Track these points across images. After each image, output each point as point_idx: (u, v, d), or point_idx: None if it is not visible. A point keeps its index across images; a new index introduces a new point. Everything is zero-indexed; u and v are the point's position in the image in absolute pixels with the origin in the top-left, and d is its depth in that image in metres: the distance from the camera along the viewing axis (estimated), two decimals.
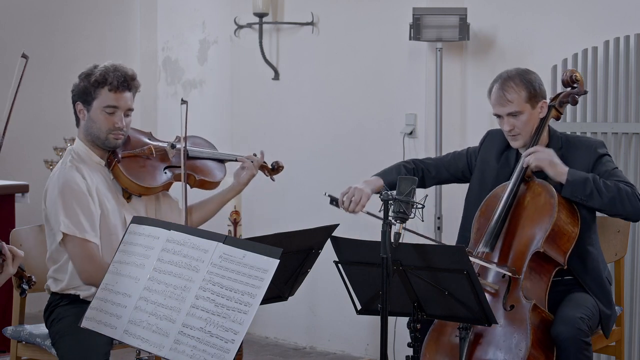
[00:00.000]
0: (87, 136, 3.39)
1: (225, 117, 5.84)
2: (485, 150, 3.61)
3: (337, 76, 5.32)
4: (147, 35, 6.39)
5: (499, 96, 3.40)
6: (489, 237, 3.32)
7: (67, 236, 3.23)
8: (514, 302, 3.17)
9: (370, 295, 3.06)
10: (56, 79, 6.21)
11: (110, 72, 3.33)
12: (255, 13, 5.43)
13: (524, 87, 3.39)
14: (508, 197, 3.34)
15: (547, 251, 3.25)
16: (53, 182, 3.33)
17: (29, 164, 5.84)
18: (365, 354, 5.20)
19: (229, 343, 2.37)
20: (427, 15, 4.63)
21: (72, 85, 3.44)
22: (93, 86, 3.34)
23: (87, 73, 3.38)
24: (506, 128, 3.42)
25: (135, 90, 3.42)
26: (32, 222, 3.98)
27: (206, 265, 2.50)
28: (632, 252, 4.25)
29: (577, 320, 3.12)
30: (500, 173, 3.50)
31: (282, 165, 3.76)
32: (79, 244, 3.23)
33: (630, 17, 4.33)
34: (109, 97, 3.33)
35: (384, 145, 5.09)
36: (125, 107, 3.36)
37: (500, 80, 3.44)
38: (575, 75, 3.50)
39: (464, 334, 3.08)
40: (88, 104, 3.36)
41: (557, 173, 3.29)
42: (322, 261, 3.13)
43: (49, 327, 3.36)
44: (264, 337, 5.62)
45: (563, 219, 3.28)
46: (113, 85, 3.32)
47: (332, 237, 3.03)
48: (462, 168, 3.66)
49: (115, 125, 3.34)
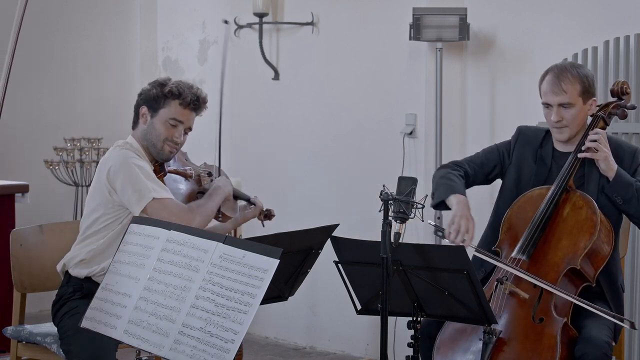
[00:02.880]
0: (143, 141, 3.43)
1: (225, 117, 5.83)
2: (521, 148, 3.49)
3: (337, 76, 5.32)
4: (147, 35, 6.39)
5: (554, 84, 3.30)
6: (527, 244, 3.23)
7: (157, 201, 3.25)
8: (543, 315, 3.11)
9: (370, 295, 3.06)
10: (56, 79, 6.22)
11: (186, 89, 3.43)
12: (255, 13, 5.43)
13: (579, 81, 3.31)
14: (548, 204, 3.26)
15: (583, 268, 3.19)
16: (118, 160, 3.31)
17: (29, 164, 5.84)
18: (365, 354, 5.20)
19: (229, 343, 2.37)
20: (427, 15, 4.63)
21: (141, 89, 3.51)
22: (166, 96, 3.41)
23: (161, 82, 3.46)
24: (554, 118, 3.31)
25: (200, 113, 3.51)
26: (32, 222, 3.98)
27: (206, 265, 2.50)
28: (632, 252, 4.25)
29: (604, 345, 3.05)
30: (538, 173, 3.42)
31: (273, 214, 3.77)
32: (170, 204, 3.28)
33: (630, 17, 4.33)
34: (178, 110, 3.41)
35: (384, 145, 5.09)
36: (188, 125, 3.45)
37: (557, 69, 3.34)
38: (626, 88, 3.40)
39: (487, 338, 3.00)
40: (154, 110, 3.42)
41: (609, 168, 3.25)
42: (322, 261, 3.13)
43: (59, 321, 3.34)
44: (264, 337, 5.62)
45: (602, 238, 3.23)
46: (185, 102, 3.41)
47: (332, 237, 3.03)
48: (494, 166, 3.52)
49: (174, 137, 3.40)
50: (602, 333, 3.10)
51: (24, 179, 5.33)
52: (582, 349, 3.06)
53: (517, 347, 3.09)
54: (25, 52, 6.14)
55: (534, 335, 3.09)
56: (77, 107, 6.22)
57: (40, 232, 3.69)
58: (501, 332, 3.07)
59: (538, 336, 3.08)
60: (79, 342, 3.17)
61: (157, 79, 3.52)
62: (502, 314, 3.15)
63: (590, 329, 3.12)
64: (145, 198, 3.24)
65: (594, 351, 3.03)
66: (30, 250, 3.64)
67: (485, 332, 3.01)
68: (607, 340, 3.09)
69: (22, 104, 6.05)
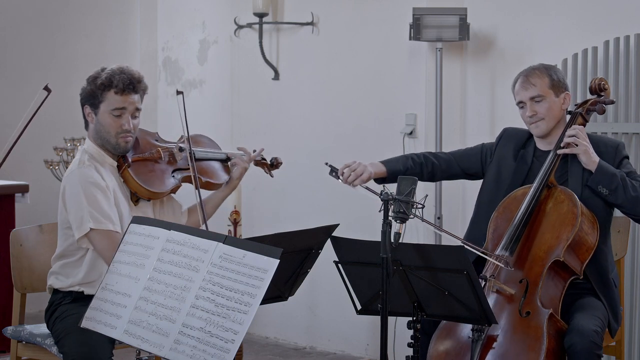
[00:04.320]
0: (97, 140, 3.39)
1: (225, 117, 5.84)
2: (502, 147, 3.59)
3: (337, 76, 5.32)
4: (147, 35, 6.39)
5: (524, 81, 3.45)
6: (509, 241, 3.29)
7: (94, 230, 3.21)
8: (530, 309, 3.15)
9: (370, 295, 3.06)
10: (56, 79, 6.20)
11: (116, 75, 3.33)
12: (255, 13, 5.43)
13: (547, 74, 3.44)
14: (530, 202, 3.32)
15: (567, 260, 3.23)
16: (72, 180, 3.30)
17: (29, 164, 5.84)
18: (365, 354, 5.20)
19: (229, 343, 2.37)
20: (427, 15, 4.63)
21: (80, 89, 3.45)
22: (99, 89, 3.35)
23: (94, 76, 3.39)
24: (528, 113, 3.43)
25: (143, 92, 3.42)
26: (32, 222, 3.98)
27: (206, 265, 2.50)
28: (632, 252, 4.25)
29: (592, 333, 3.08)
30: (517, 171, 3.50)
31: (280, 162, 3.78)
32: (107, 236, 3.22)
33: (630, 17, 4.33)
34: (116, 99, 3.34)
35: (384, 145, 5.08)
36: (132, 109, 3.37)
37: (525, 70, 3.50)
38: (604, 84, 3.50)
39: (476, 336, 3.06)
40: (95, 107, 3.38)
41: (590, 161, 3.32)
42: (322, 261, 3.13)
43: (52, 326, 3.35)
44: (264, 337, 5.62)
45: (585, 229, 3.27)
46: (119, 88, 3.33)
47: (332, 237, 3.03)
48: (475, 163, 3.64)
49: (123, 127, 3.34)
50: (590, 322, 3.13)
51: (24, 179, 5.34)
52: (570, 339, 3.10)
53: (505, 341, 3.12)
54: (26, 52, 6.16)
55: (521, 328, 3.13)
56: (77, 107, 6.20)
57: (40, 232, 3.69)
58: (489, 329, 3.09)
59: (525, 329, 3.12)
60: (71, 344, 3.17)
61: (91, 73, 3.43)
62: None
63: (579, 319, 3.16)
64: (83, 229, 3.21)
65: (582, 340, 3.07)
66: (30, 250, 3.64)
67: (474, 329, 3.05)
68: (595, 329, 3.11)
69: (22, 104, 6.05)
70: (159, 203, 3.50)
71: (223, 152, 3.67)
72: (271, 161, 3.77)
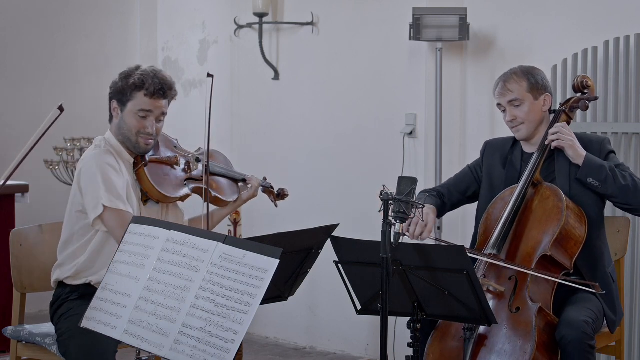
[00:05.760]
0: (119, 135, 3.42)
1: (225, 117, 5.84)
2: (488, 159, 3.64)
3: (337, 76, 5.32)
4: (147, 35, 6.40)
5: (501, 87, 3.50)
6: (496, 239, 3.33)
7: (107, 209, 3.23)
8: (519, 305, 3.17)
9: (370, 295, 3.06)
10: (56, 79, 6.21)
11: (149, 78, 3.36)
12: (255, 13, 5.43)
13: (525, 78, 3.48)
14: (516, 200, 3.36)
15: (554, 255, 3.26)
16: (88, 162, 3.33)
17: (29, 164, 5.80)
18: (365, 354, 5.20)
19: (229, 343, 2.37)
20: (427, 15, 4.63)
21: (111, 82, 3.46)
22: (130, 88, 3.37)
23: (127, 74, 3.41)
24: (508, 118, 3.49)
25: (172, 98, 3.46)
26: (32, 222, 3.98)
27: (206, 265, 2.50)
28: (632, 252, 4.25)
29: (582, 324, 3.10)
30: (508, 177, 3.53)
31: (287, 194, 3.86)
32: (119, 215, 3.24)
33: (630, 17, 4.33)
34: (144, 101, 3.37)
35: (384, 145, 5.09)
36: (158, 113, 3.40)
37: (504, 75, 3.54)
38: (587, 81, 3.55)
39: (468, 335, 3.09)
40: (123, 104, 3.40)
41: (577, 155, 3.35)
42: (322, 261, 3.13)
43: (57, 322, 3.34)
44: (264, 337, 5.62)
45: (571, 223, 3.30)
46: (149, 91, 3.36)
47: (332, 237, 3.03)
48: (471, 184, 3.68)
49: (146, 129, 3.37)
50: (580, 314, 3.15)
51: (24, 179, 5.33)
52: (560, 331, 3.12)
53: (497, 338, 3.14)
54: (26, 52, 6.16)
55: (512, 324, 3.15)
56: (77, 107, 6.21)
57: (40, 232, 3.69)
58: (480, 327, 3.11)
59: (516, 325, 3.14)
60: (77, 345, 3.16)
61: (125, 69, 3.45)
62: None
63: (569, 312, 3.18)
64: (98, 210, 3.23)
65: (573, 332, 3.08)
66: (30, 250, 3.64)
67: (465, 328, 3.06)
68: (585, 319, 3.13)
69: (22, 104, 6.05)
70: (165, 208, 3.52)
71: (239, 172, 3.72)
72: (278, 191, 3.85)
